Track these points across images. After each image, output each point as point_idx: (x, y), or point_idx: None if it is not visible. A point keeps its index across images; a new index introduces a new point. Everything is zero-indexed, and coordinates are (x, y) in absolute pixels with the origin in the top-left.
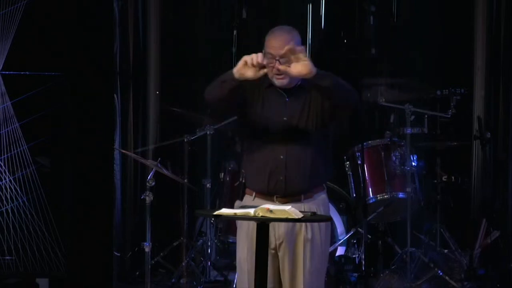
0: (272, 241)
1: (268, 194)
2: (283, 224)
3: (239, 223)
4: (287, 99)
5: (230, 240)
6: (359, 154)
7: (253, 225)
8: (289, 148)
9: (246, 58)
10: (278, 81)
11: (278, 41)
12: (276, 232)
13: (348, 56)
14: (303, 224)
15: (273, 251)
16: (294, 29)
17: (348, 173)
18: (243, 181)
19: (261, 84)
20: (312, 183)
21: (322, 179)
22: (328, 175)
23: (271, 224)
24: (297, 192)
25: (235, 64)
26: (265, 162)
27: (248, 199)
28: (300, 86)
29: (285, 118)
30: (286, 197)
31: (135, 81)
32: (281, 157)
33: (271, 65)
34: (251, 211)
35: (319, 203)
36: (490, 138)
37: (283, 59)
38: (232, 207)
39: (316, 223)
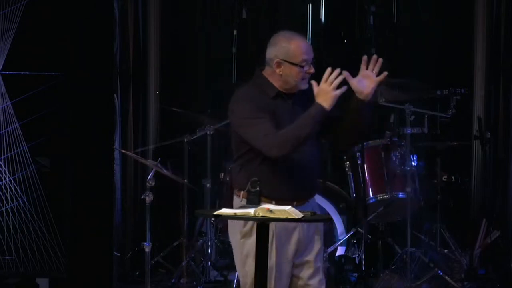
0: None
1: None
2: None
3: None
4: (291, 105)
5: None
6: (359, 154)
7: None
8: (298, 154)
9: (333, 89)
10: (304, 85)
11: (307, 45)
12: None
13: (348, 56)
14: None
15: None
16: None
17: (348, 173)
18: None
19: (266, 98)
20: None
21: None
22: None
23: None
24: (303, 197)
25: (235, 64)
26: (275, 169)
27: (237, 201)
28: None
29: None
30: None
31: (135, 81)
32: (294, 161)
33: (306, 70)
34: (251, 211)
35: (313, 206)
36: (490, 138)
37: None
38: (232, 207)
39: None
